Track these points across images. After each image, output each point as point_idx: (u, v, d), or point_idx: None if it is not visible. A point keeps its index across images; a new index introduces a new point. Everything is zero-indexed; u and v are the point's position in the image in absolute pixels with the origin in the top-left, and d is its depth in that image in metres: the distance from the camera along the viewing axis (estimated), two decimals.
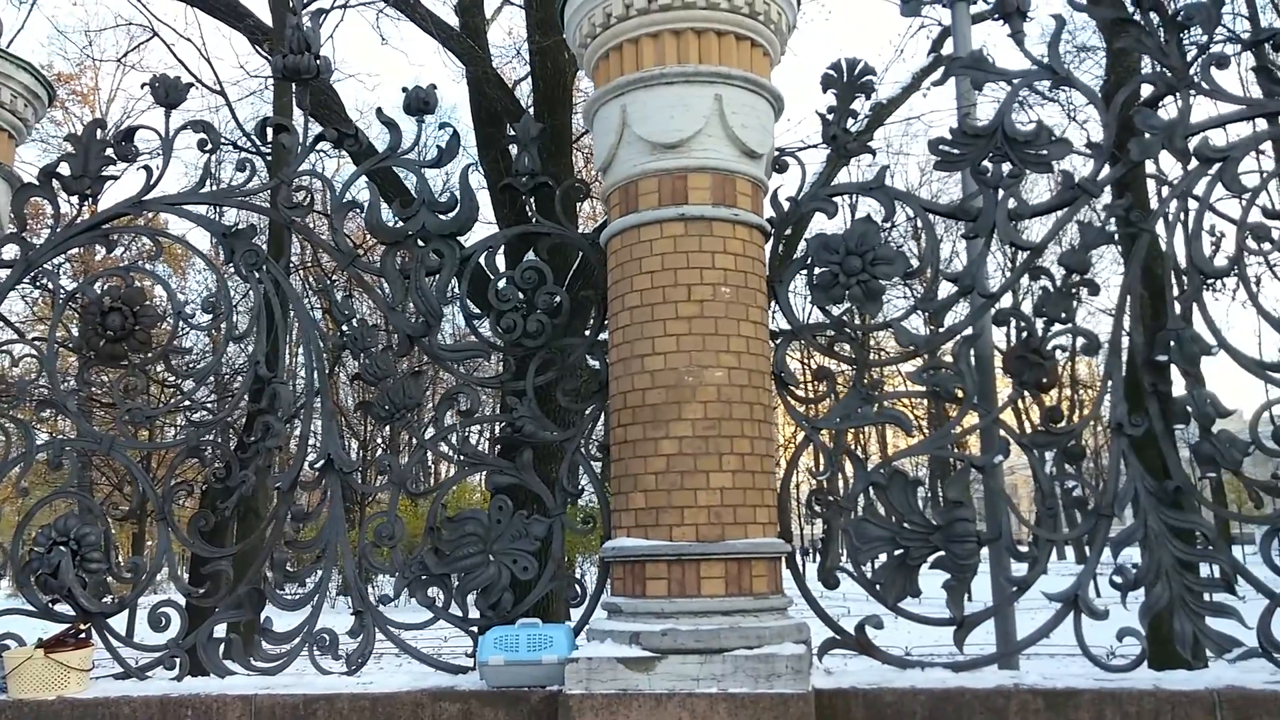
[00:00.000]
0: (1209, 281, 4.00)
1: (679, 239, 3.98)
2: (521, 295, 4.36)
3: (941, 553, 3.88)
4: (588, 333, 4.52)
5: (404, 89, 4.52)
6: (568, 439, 4.31)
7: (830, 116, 4.28)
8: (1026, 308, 4.32)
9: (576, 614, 4.20)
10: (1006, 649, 4.04)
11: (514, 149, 4.61)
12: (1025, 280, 4.41)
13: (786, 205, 4.35)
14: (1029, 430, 4.11)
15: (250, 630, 4.50)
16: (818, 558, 4.13)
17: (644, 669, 3.56)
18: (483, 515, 4.23)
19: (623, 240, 4.09)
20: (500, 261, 5.05)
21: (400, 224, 4.47)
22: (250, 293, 4.60)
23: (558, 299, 4.35)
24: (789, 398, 4.24)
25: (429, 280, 4.43)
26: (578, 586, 4.26)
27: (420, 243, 4.45)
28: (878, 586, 3.96)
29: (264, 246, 4.82)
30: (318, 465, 4.41)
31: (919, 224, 4.39)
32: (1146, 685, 3.48)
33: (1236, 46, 7.35)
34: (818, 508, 4.20)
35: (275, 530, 4.43)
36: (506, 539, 4.17)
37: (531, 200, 4.71)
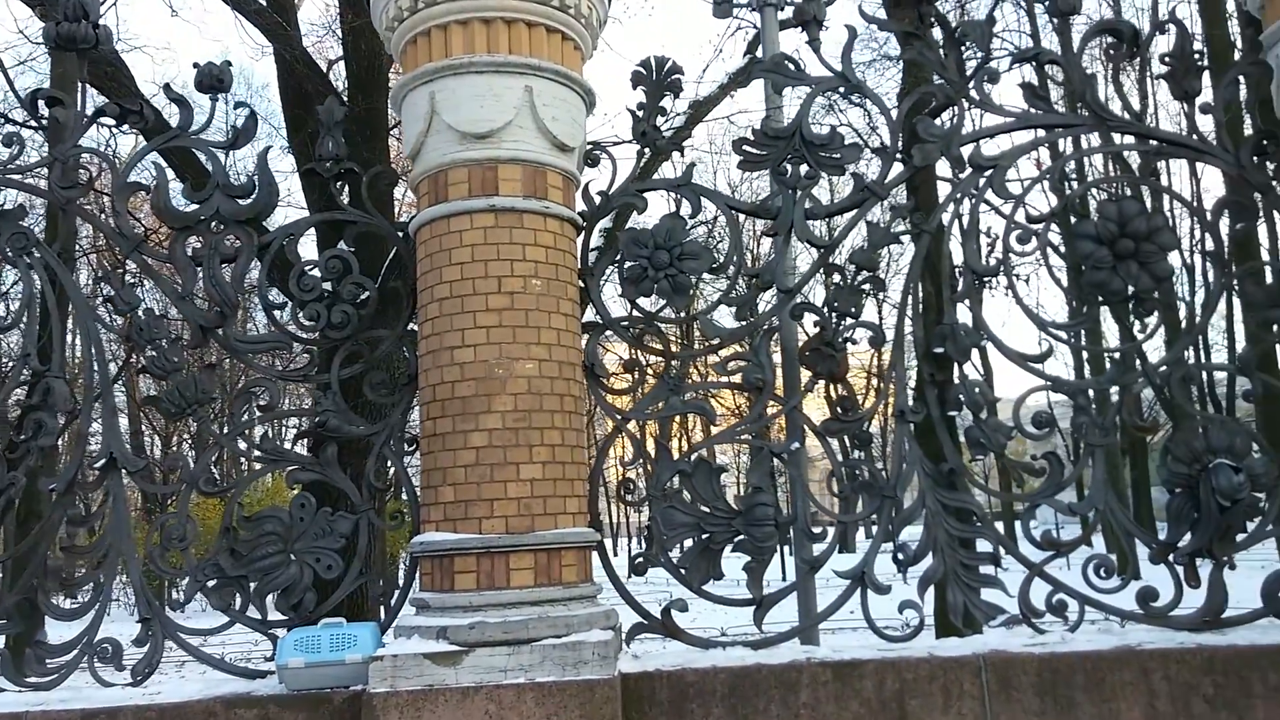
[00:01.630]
0: (982, 279, 4.33)
1: (489, 230, 3.97)
2: (327, 285, 4.23)
3: (743, 537, 4.04)
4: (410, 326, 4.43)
5: (195, 65, 4.28)
6: (375, 433, 4.22)
7: (640, 113, 4.37)
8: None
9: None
10: (804, 624, 4.27)
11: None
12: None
13: (598, 199, 4.40)
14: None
15: (22, 644, 4.16)
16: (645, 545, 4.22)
17: (451, 663, 3.54)
18: (284, 513, 4.08)
19: (432, 230, 4.04)
20: (313, 251, 4.88)
21: (193, 208, 4.24)
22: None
23: (365, 289, 4.25)
24: (600, 389, 4.31)
25: (226, 268, 4.22)
26: (384, 583, 4.18)
27: (216, 228, 4.23)
28: (683, 571, 4.08)
29: (39, 229, 4.45)
30: (99, 465, 4.12)
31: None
32: (923, 653, 3.76)
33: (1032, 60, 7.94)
34: (626, 496, 4.31)
35: (48, 535, 4.11)
36: (310, 537, 4.04)
37: (345, 187, 4.57)
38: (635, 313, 4.32)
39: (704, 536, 4.07)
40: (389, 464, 4.28)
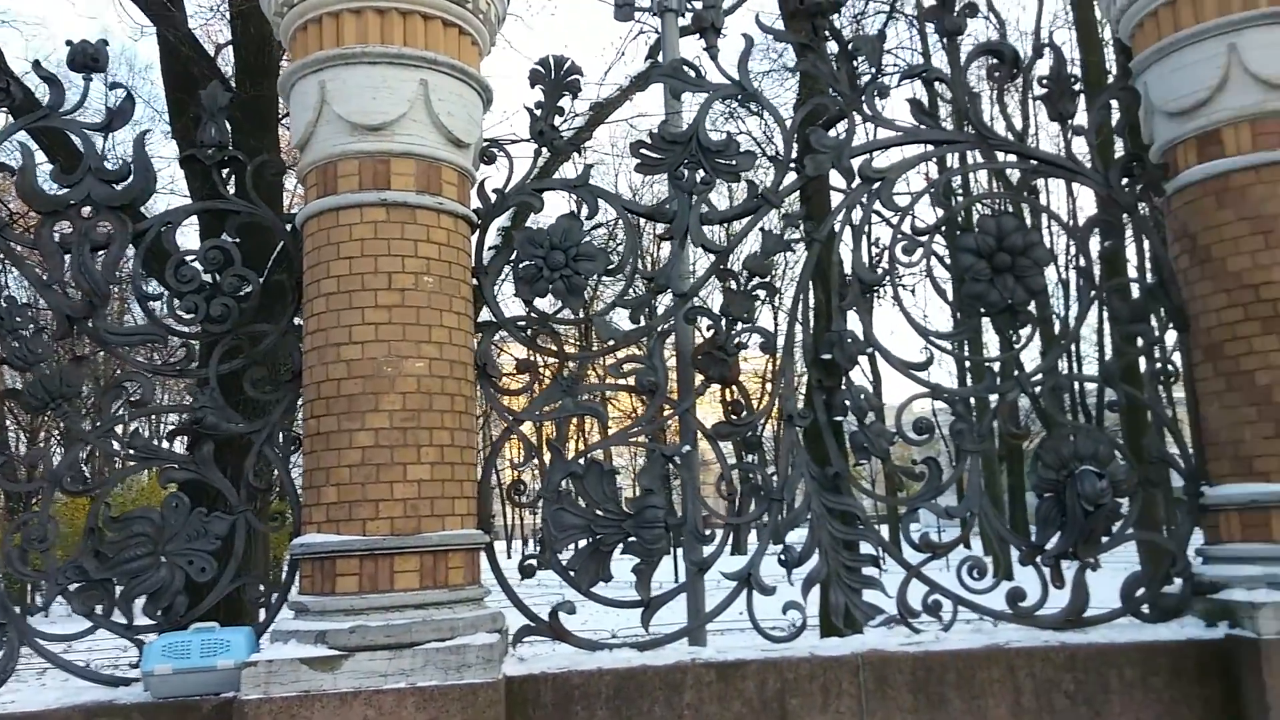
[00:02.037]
0: (869, 288, 4.44)
1: (380, 225, 3.89)
2: (207, 277, 4.08)
3: (633, 539, 4.05)
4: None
5: (68, 43, 4.07)
6: (255, 431, 4.08)
7: (538, 112, 4.34)
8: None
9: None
10: (690, 626, 4.31)
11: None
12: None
13: (494, 197, 4.35)
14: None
15: None
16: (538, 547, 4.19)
17: (329, 668, 3.44)
18: (154, 514, 3.91)
19: (320, 223, 3.93)
20: (195, 241, 4.68)
21: (63, 191, 4.03)
22: None
23: (248, 282, 4.10)
24: (493, 390, 4.26)
25: (97, 256, 4.02)
26: (265, 587, 4.05)
27: (87, 214, 4.03)
28: (572, 573, 4.07)
29: None
30: None
31: (629, 223, 4.56)
32: (804, 653, 3.84)
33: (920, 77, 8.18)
34: (517, 498, 4.28)
35: None
36: (182, 539, 3.88)
37: (232, 176, 4.41)
38: (530, 313, 4.29)
39: (594, 538, 4.07)
40: (270, 464, 4.14)
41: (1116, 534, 4.20)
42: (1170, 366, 4.39)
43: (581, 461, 4.15)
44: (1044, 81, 4.46)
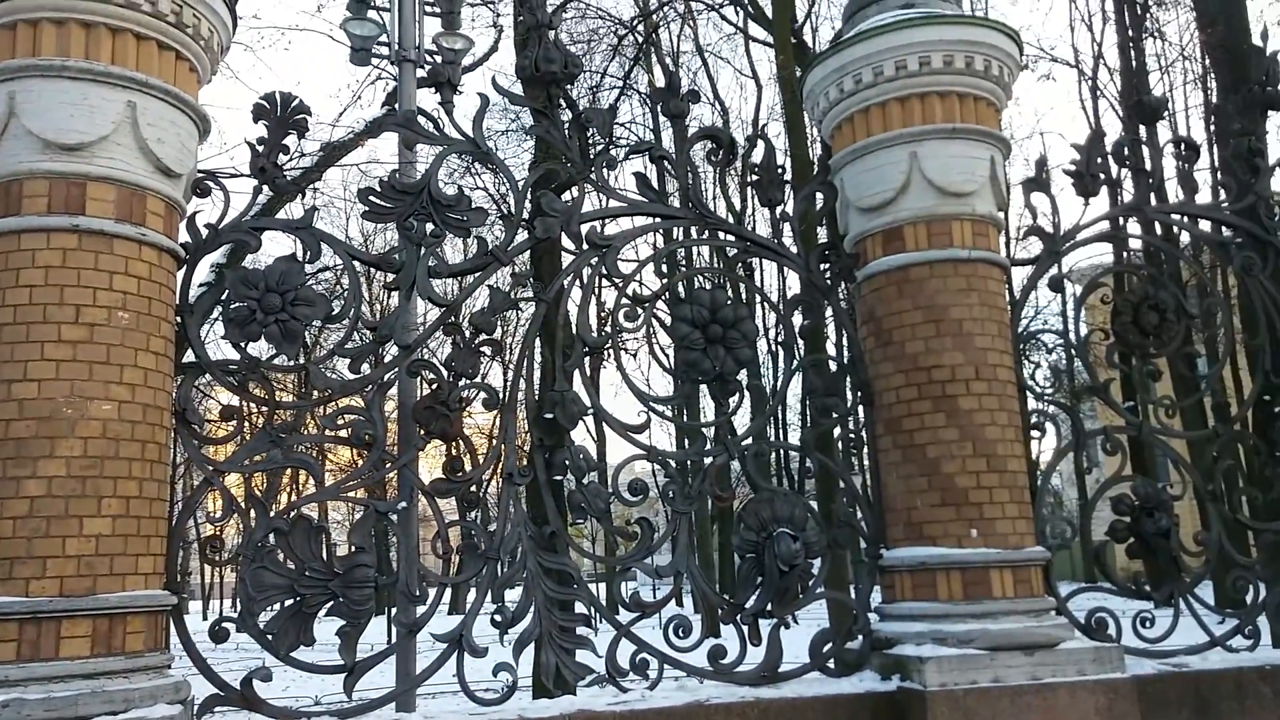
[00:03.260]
0: (592, 350, 4.57)
1: (70, 253, 3.56)
2: None
3: (340, 599, 3.87)
4: None
5: None
6: None
7: (261, 148, 4.15)
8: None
9: None
10: (397, 690, 4.15)
11: None
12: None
13: (205, 232, 4.09)
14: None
15: None
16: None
17: None
18: None
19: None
20: None
21: None
22: None
23: None
24: (192, 438, 3.95)
25: None
26: None
27: None
28: (270, 636, 3.81)
29: None
30: None
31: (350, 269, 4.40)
32: (513, 715, 3.81)
33: (646, 153, 8.57)
34: (212, 555, 3.97)
35: None
36: None
37: None
38: (243, 358, 4.04)
39: (298, 599, 3.84)
40: None
41: (808, 593, 4.51)
42: (859, 437, 4.83)
43: (288, 517, 3.92)
44: (755, 170, 4.85)
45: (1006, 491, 4.46)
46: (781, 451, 29.16)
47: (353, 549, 3.99)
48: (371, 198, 4.24)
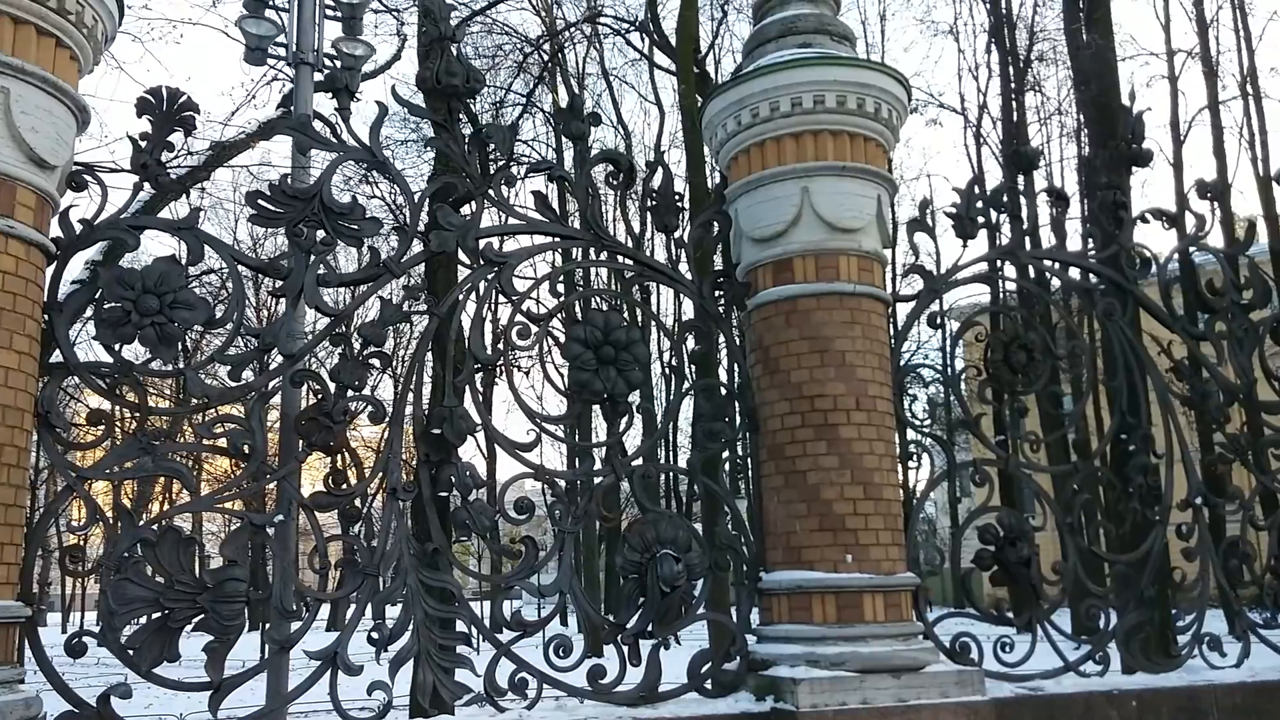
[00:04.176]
0: (484, 366, 4.54)
1: None
2: None
3: (208, 614, 3.73)
4: None
5: None
6: None
7: (143, 144, 4.00)
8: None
9: None
10: (266, 709, 4.02)
11: None
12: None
13: (79, 228, 3.91)
14: None
15: None
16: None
17: None
18: None
19: None
20: None
21: None
22: None
23: None
24: (56, 442, 3.76)
25: None
26: None
27: None
28: (130, 652, 3.65)
29: None
30: None
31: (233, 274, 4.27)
32: None
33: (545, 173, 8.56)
34: (72, 565, 3.77)
35: None
36: None
37: None
38: (113, 360, 3.87)
39: (163, 613, 3.68)
40: None
41: (689, 614, 4.56)
42: (745, 463, 4.92)
43: (156, 527, 3.77)
44: (654, 195, 4.92)
45: (881, 519, 4.61)
46: (672, 474, 29.42)
47: (227, 562, 3.85)
48: (260, 201, 4.13)
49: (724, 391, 5.03)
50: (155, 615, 3.67)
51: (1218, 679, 5.16)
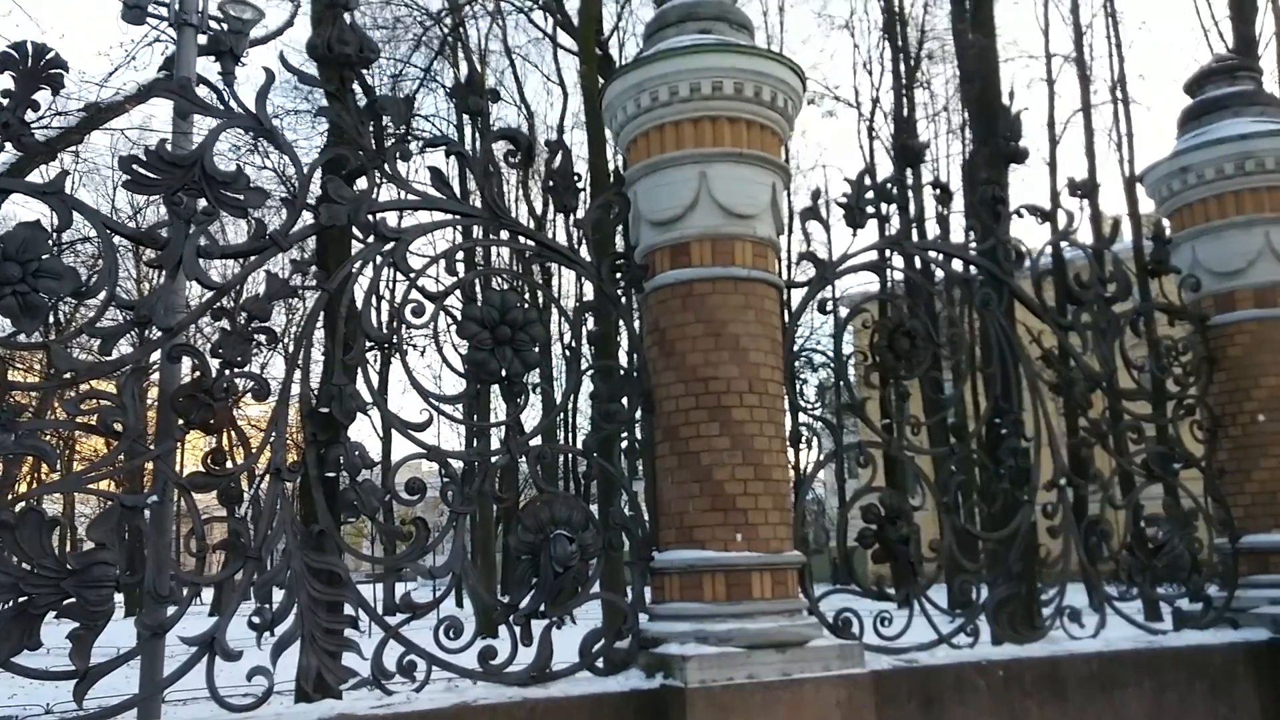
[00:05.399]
0: (376, 344, 4.44)
1: None
2: None
3: (73, 600, 3.55)
4: None
5: None
6: None
7: (5, 101, 3.76)
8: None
9: None
10: (138, 697, 3.86)
11: None
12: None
13: None
14: None
15: None
16: None
17: None
18: None
19: None
20: None
21: None
22: None
23: None
24: None
25: None
26: None
27: None
28: None
29: None
30: None
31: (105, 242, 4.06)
32: (270, 718, 3.63)
33: (442, 148, 8.38)
34: None
35: None
36: None
37: None
38: None
39: (22, 599, 3.49)
40: None
41: (582, 594, 4.57)
42: (640, 443, 4.94)
43: (15, 509, 3.56)
44: (552, 176, 4.88)
45: (771, 499, 4.70)
46: (570, 456, 29.39)
47: (95, 545, 3.67)
48: (136, 166, 3.92)
49: (621, 373, 5.03)
50: (14, 601, 3.48)
51: (1076, 649, 5.46)
